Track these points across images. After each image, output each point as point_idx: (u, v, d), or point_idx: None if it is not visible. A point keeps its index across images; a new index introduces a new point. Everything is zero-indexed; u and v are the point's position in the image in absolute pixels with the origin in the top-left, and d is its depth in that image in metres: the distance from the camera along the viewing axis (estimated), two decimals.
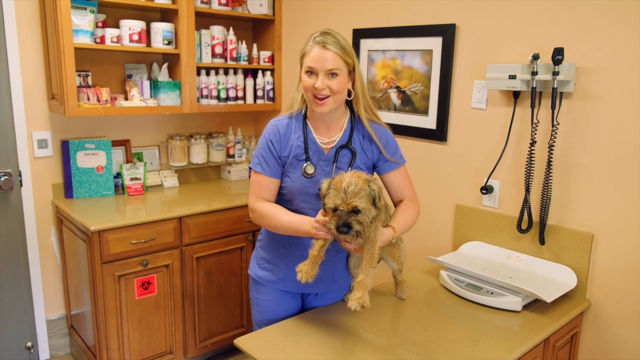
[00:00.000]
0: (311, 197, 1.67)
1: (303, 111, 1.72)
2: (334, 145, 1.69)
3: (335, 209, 1.42)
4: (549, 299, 1.77)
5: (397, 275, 1.84)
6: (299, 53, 1.67)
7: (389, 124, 1.79)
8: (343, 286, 1.84)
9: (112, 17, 2.75)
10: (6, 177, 2.58)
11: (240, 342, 1.56)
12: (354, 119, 1.72)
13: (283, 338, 1.58)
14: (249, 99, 3.20)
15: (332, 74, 1.58)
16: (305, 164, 1.66)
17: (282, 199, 1.74)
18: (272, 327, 1.66)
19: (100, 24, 2.64)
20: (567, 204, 1.98)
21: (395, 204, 1.76)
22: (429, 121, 2.40)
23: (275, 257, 1.78)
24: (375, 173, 1.78)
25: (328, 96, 1.59)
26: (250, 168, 1.74)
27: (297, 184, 1.67)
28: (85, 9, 2.50)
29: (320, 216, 1.50)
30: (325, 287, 1.81)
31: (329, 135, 1.70)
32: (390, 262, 1.76)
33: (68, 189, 2.74)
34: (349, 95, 1.67)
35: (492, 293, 1.85)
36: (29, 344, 2.78)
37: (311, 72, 1.59)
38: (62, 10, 2.37)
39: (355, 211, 1.41)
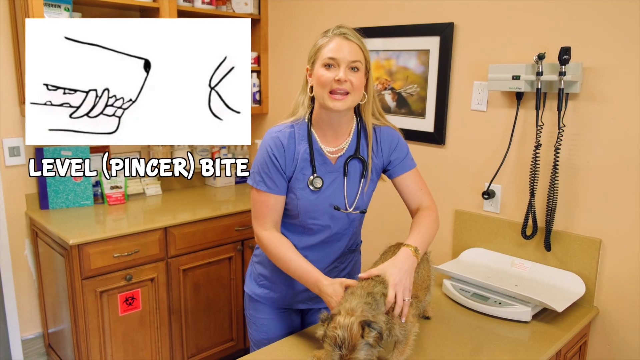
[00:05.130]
0: (318, 212, 1.56)
1: (307, 117, 1.57)
2: (341, 154, 1.57)
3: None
4: (559, 308, 1.70)
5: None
6: (309, 51, 1.52)
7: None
8: None
9: (88, 16, 2.58)
10: None
11: None
12: (361, 124, 1.60)
13: (285, 359, 1.47)
14: None
15: (354, 67, 1.45)
16: (312, 177, 1.53)
17: (286, 214, 1.61)
18: (273, 346, 1.55)
19: None
20: (573, 208, 1.91)
21: (412, 213, 1.65)
22: (426, 124, 2.32)
23: (275, 273, 1.66)
24: (385, 176, 1.67)
25: (347, 93, 1.45)
26: (251, 185, 1.56)
27: (303, 201, 1.54)
28: (60, 6, 2.34)
29: (330, 289, 1.39)
30: None
31: (335, 143, 1.57)
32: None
33: (43, 200, 2.57)
34: (361, 98, 1.54)
35: (499, 303, 1.78)
36: None
37: (330, 65, 1.45)
38: (34, 8, 2.21)
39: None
